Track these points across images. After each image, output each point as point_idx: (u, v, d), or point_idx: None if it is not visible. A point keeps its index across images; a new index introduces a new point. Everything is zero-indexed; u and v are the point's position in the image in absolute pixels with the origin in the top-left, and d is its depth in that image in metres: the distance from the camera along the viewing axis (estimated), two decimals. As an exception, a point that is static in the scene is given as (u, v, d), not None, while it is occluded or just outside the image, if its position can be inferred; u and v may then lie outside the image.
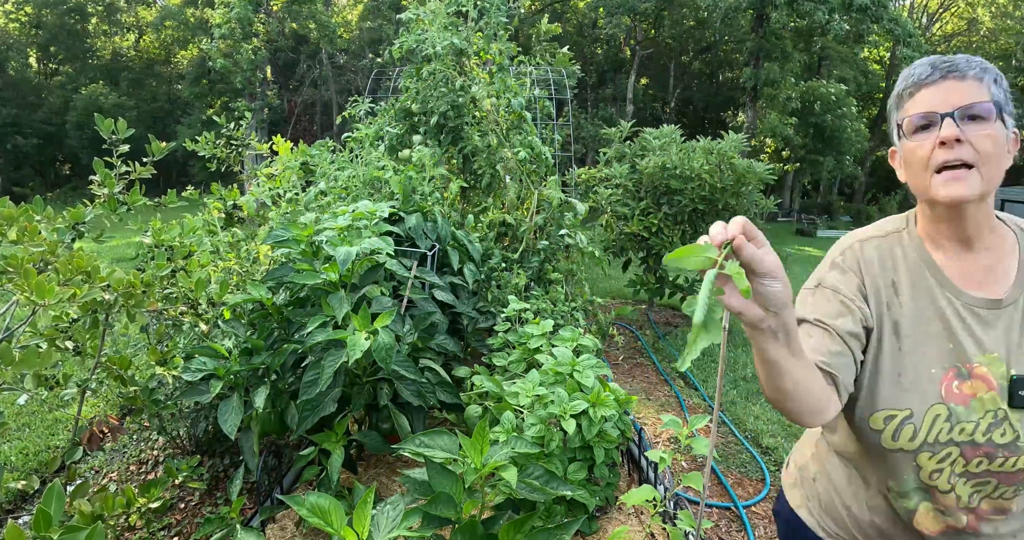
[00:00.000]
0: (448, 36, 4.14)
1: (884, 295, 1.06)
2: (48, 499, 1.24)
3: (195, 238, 2.70)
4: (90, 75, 27.94)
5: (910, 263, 1.07)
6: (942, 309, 1.02)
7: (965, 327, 1.01)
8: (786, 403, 0.94)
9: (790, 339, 0.84)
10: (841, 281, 1.08)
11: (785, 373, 0.88)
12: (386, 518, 1.38)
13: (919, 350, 1.02)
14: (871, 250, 1.09)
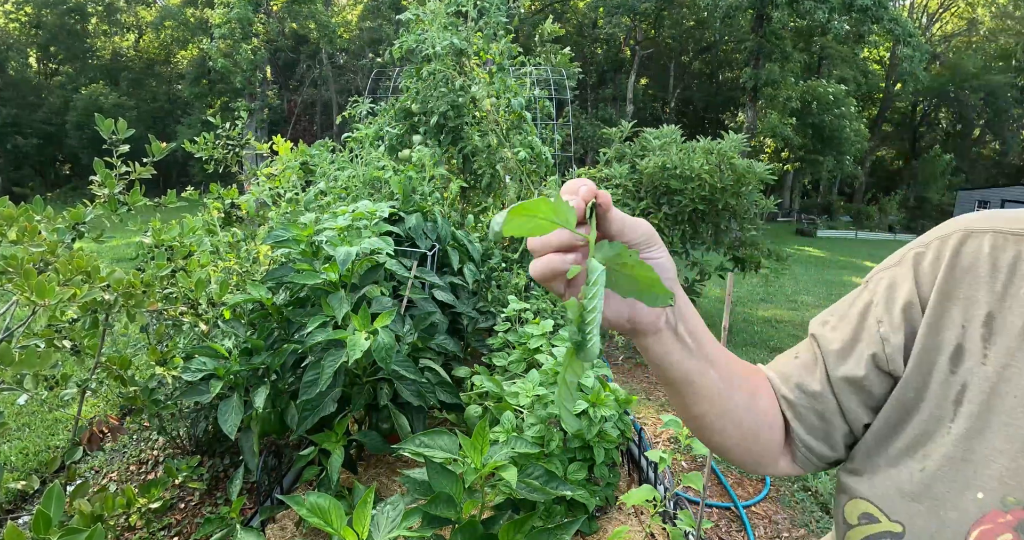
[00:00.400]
0: (448, 36, 4.14)
1: (955, 332, 0.61)
2: (48, 500, 1.24)
3: (195, 238, 2.70)
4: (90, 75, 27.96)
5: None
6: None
7: None
8: (710, 436, 0.69)
9: (696, 338, 0.62)
10: (887, 288, 0.67)
11: (700, 392, 0.64)
12: (386, 518, 1.38)
13: (982, 445, 0.58)
14: (975, 250, 0.63)
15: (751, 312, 7.95)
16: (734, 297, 8.79)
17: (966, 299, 0.62)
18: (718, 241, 6.10)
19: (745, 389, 0.68)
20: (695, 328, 0.62)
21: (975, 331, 0.60)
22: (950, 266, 0.63)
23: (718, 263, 6.33)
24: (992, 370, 0.59)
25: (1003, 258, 0.61)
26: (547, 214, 0.50)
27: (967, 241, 0.64)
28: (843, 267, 13.68)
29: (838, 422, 0.68)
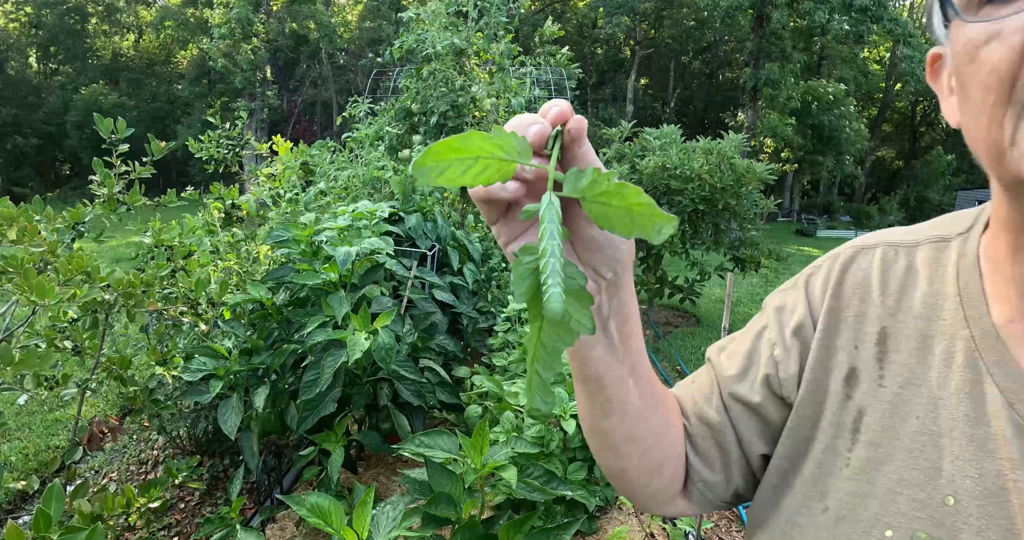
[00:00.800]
0: (448, 36, 4.14)
1: (847, 353, 0.56)
2: (48, 499, 1.24)
3: (195, 238, 2.70)
4: (90, 75, 27.96)
5: (937, 305, 0.54)
6: (997, 423, 0.48)
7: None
8: (611, 459, 0.60)
9: (626, 342, 0.52)
10: (779, 311, 0.63)
11: (612, 403, 0.55)
12: (386, 518, 1.38)
13: (885, 477, 0.51)
14: (865, 266, 0.59)
15: (751, 312, 7.95)
16: (734, 297, 8.80)
17: (857, 317, 0.57)
18: (718, 241, 6.10)
19: (662, 415, 0.60)
20: (630, 332, 0.53)
21: (868, 351, 0.55)
22: (838, 284, 0.59)
23: (718, 263, 6.33)
24: (890, 391, 0.53)
25: (894, 270, 0.58)
26: (482, 150, 0.38)
27: (857, 258, 0.61)
28: (843, 267, 13.63)
29: (735, 453, 0.62)
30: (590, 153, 0.42)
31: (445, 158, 0.38)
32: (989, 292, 0.52)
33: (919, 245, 0.59)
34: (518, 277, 0.41)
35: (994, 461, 0.46)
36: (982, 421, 0.48)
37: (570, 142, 0.41)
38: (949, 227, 0.59)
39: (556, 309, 0.38)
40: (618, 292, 0.49)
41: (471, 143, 0.38)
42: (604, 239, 0.44)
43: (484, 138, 0.38)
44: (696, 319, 7.14)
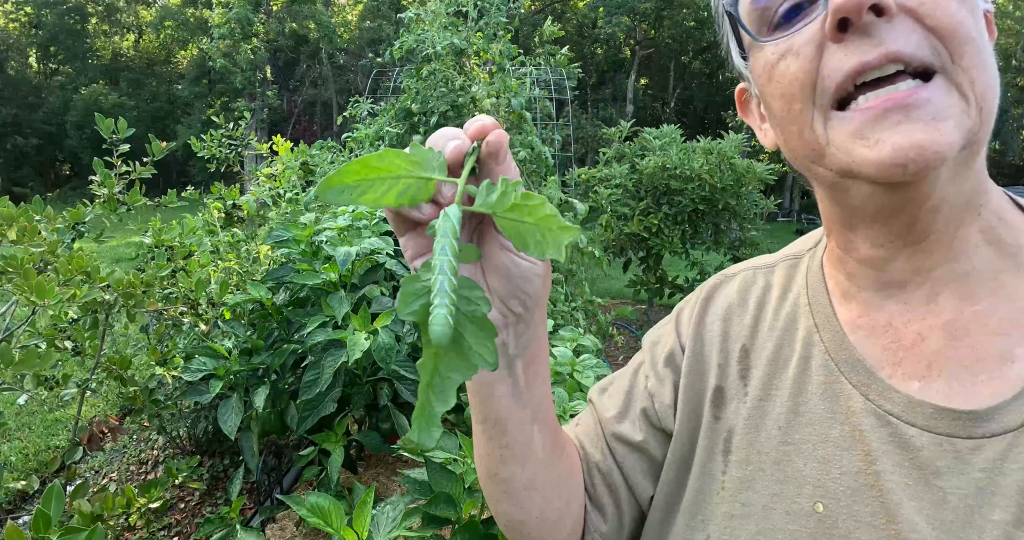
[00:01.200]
0: (448, 36, 4.14)
1: (713, 373, 0.57)
2: (47, 500, 1.24)
3: (195, 238, 2.70)
4: (90, 75, 27.96)
5: (791, 316, 0.56)
6: (852, 420, 0.48)
7: (900, 469, 0.45)
8: (509, 509, 0.56)
9: (531, 383, 0.49)
10: (653, 344, 0.64)
11: (512, 448, 0.51)
12: (386, 518, 1.38)
13: (758, 494, 0.50)
14: (728, 292, 0.61)
15: (751, 312, 7.96)
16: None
17: (722, 338, 0.58)
18: (718, 241, 6.11)
19: (564, 463, 0.57)
20: (536, 374, 0.49)
21: (732, 368, 0.56)
22: (702, 311, 0.61)
23: (718, 263, 6.33)
24: (751, 406, 0.53)
25: (753, 291, 0.60)
26: (401, 168, 0.37)
27: (721, 285, 0.63)
28: (843, 267, 13.63)
29: (626, 497, 0.60)
30: (510, 171, 0.40)
31: (366, 178, 0.37)
32: (835, 295, 0.54)
33: (776, 265, 0.62)
34: (407, 295, 0.37)
35: (852, 457, 0.47)
36: (837, 419, 0.49)
37: (487, 156, 0.40)
38: (802, 245, 0.62)
39: (439, 333, 0.34)
40: (527, 330, 0.46)
41: (390, 161, 0.37)
42: (515, 268, 0.42)
43: (402, 156, 0.38)
44: (696, 319, 7.12)
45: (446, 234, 0.36)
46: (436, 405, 0.39)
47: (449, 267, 0.35)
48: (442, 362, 0.39)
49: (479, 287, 0.39)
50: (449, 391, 0.39)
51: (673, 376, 0.60)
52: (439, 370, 0.39)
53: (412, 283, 0.37)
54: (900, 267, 0.48)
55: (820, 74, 0.43)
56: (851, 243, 0.50)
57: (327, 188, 0.36)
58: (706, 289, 0.64)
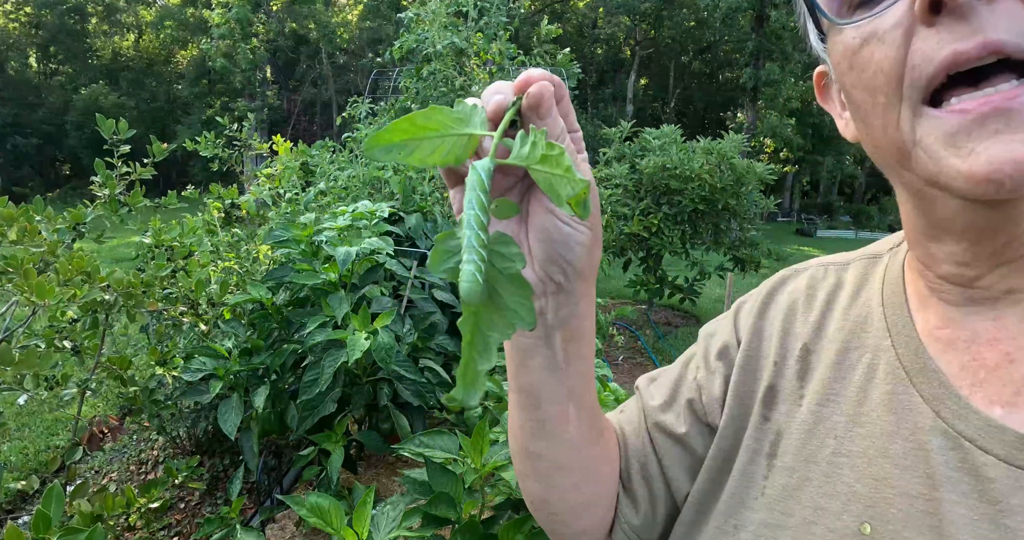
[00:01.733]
0: (448, 36, 4.14)
1: (768, 371, 0.53)
2: (47, 500, 1.24)
3: (195, 238, 2.70)
4: (90, 75, 27.96)
5: (861, 318, 0.52)
6: (917, 437, 0.44)
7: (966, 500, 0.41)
8: (535, 486, 0.55)
9: (573, 358, 0.47)
10: (708, 336, 0.61)
11: (544, 423, 0.50)
12: (386, 518, 1.38)
13: (800, 505, 0.47)
14: (793, 288, 0.58)
15: (751, 312, 7.96)
16: (734, 297, 8.79)
17: (781, 335, 0.54)
18: (718, 241, 6.11)
19: (600, 450, 0.54)
20: (578, 353, 0.47)
21: (790, 367, 0.52)
22: (763, 305, 0.57)
23: (718, 263, 6.34)
24: (807, 411, 0.49)
25: (821, 288, 0.56)
26: (446, 126, 0.36)
27: (787, 280, 0.59)
28: (843, 267, 13.65)
29: (661, 490, 0.57)
30: (554, 126, 0.38)
31: (414, 136, 0.36)
32: (913, 302, 0.49)
33: (850, 263, 0.58)
34: (440, 254, 0.36)
35: (911, 479, 0.42)
36: (900, 434, 0.44)
37: (527, 109, 0.37)
38: (884, 245, 0.57)
39: (467, 290, 0.33)
40: (568, 302, 0.43)
41: (435, 119, 0.36)
42: (556, 232, 0.40)
43: (446, 113, 0.36)
44: (696, 319, 7.15)
45: (473, 187, 0.35)
46: (480, 363, 0.38)
47: (476, 221, 0.34)
48: (481, 320, 0.38)
49: (514, 243, 0.37)
50: (491, 349, 0.38)
51: (725, 370, 0.56)
52: (480, 329, 0.38)
53: (445, 241, 0.36)
54: (990, 285, 0.43)
55: (908, 63, 0.37)
56: (934, 258, 0.45)
57: (375, 145, 0.36)
58: (771, 283, 0.60)
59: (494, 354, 0.38)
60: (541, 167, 0.35)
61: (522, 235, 0.42)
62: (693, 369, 0.60)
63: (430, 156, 0.37)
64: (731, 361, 0.57)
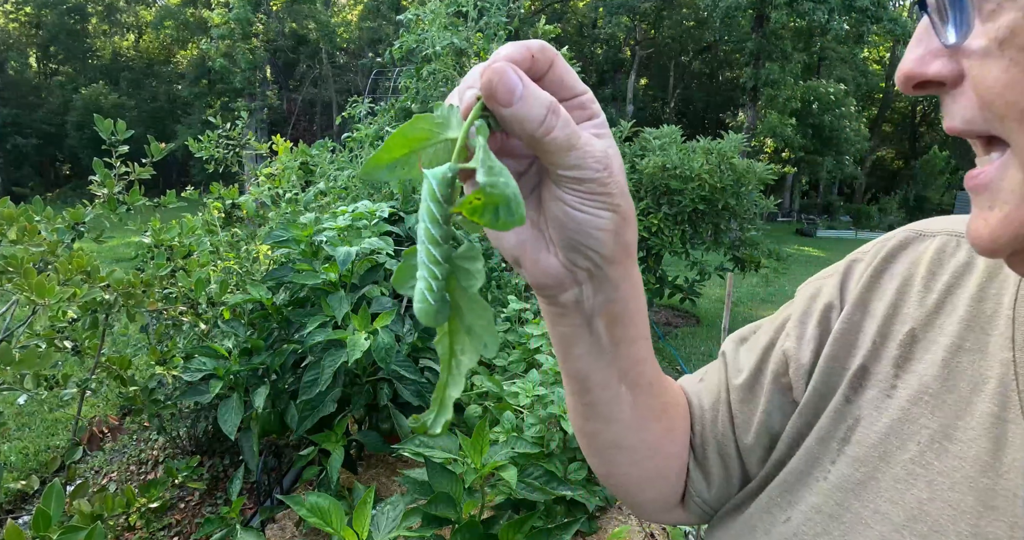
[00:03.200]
0: (448, 36, 4.14)
1: (864, 349, 0.48)
2: (48, 499, 1.24)
3: (195, 238, 2.70)
4: (90, 75, 27.96)
5: (987, 317, 0.44)
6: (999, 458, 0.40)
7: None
8: (598, 462, 0.55)
9: (617, 342, 0.44)
10: (810, 298, 0.55)
11: (595, 406, 0.48)
12: (386, 518, 1.38)
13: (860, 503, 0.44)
14: (915, 255, 0.50)
15: (751, 312, 7.96)
16: (734, 297, 8.80)
17: (889, 310, 0.47)
18: (718, 241, 6.11)
19: (663, 426, 0.52)
20: (623, 336, 0.44)
21: (889, 351, 0.46)
22: (877, 271, 0.50)
23: (718, 263, 6.34)
24: (897, 405, 0.44)
25: (949, 264, 0.47)
26: (430, 133, 0.34)
27: (910, 245, 0.51)
28: (843, 267, 13.65)
29: (738, 469, 0.55)
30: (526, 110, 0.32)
31: (411, 149, 0.34)
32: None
33: None
34: (406, 269, 0.34)
35: (993, 520, 0.37)
36: (995, 469, 0.38)
37: (487, 101, 0.33)
38: None
39: (418, 310, 0.31)
40: (603, 288, 0.40)
41: (421, 128, 0.34)
42: (570, 221, 0.37)
43: (428, 120, 0.34)
44: (696, 319, 7.15)
45: (424, 198, 0.32)
46: (450, 387, 0.36)
47: (427, 235, 0.32)
48: (455, 342, 0.36)
49: (479, 257, 0.34)
50: (460, 373, 0.36)
51: (820, 339, 0.51)
52: (454, 351, 0.36)
53: (410, 257, 0.34)
54: None
55: None
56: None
57: (376, 167, 0.33)
58: (890, 246, 0.51)
59: (462, 379, 0.36)
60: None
61: (541, 223, 0.39)
62: (783, 338, 0.54)
63: (428, 166, 0.34)
64: (829, 328, 0.51)
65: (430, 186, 0.32)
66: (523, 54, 0.34)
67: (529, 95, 0.32)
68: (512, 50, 0.34)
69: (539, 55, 0.34)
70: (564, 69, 0.36)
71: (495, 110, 0.33)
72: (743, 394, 0.54)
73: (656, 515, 0.60)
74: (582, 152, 0.34)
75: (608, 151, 0.36)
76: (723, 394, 0.56)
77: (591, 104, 0.37)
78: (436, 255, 0.32)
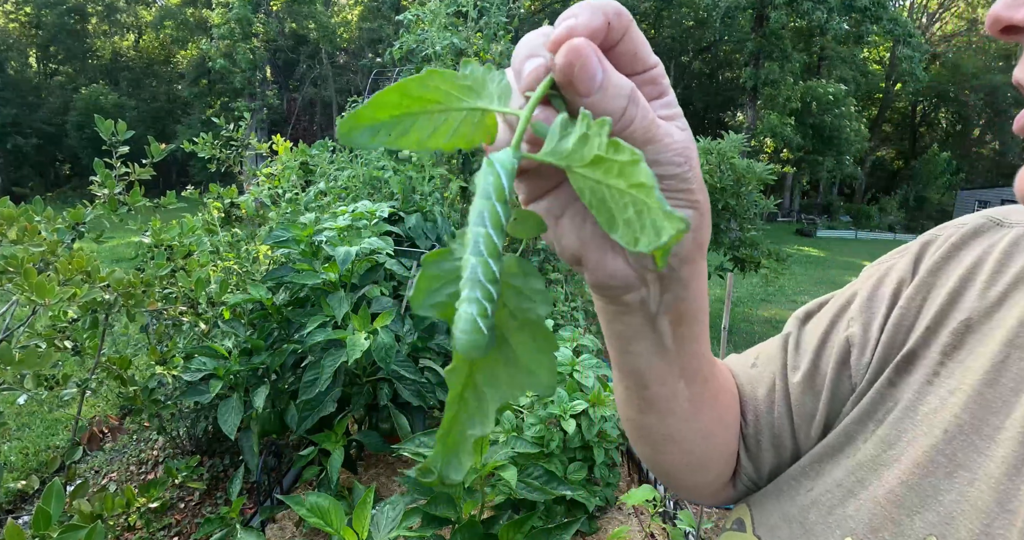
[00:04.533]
0: (448, 36, 4.14)
1: (917, 333, 0.47)
2: (48, 498, 1.24)
3: (194, 238, 2.70)
4: (90, 75, 27.97)
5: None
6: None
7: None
8: (649, 452, 0.54)
9: (681, 341, 0.42)
10: (877, 282, 0.52)
11: (652, 401, 0.46)
12: (386, 518, 1.38)
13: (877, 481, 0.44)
14: (988, 244, 0.48)
15: (751, 312, 7.96)
16: (734, 297, 8.80)
17: (948, 298, 0.46)
18: (718, 241, 6.11)
19: (715, 414, 0.51)
20: (688, 334, 0.42)
21: (940, 338, 0.45)
22: (943, 257, 0.48)
23: (718, 263, 6.34)
24: (935, 392, 0.43)
25: (1019, 257, 0.45)
26: (450, 97, 0.27)
27: (981, 234, 0.49)
28: (843, 267, 13.68)
29: (790, 454, 0.54)
30: (607, 101, 0.28)
31: (407, 111, 0.27)
32: None
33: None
34: (430, 279, 0.27)
35: (1006, 523, 0.37)
36: (1019, 472, 0.37)
37: (562, 82, 0.28)
38: None
39: (465, 342, 0.25)
40: (673, 287, 0.37)
41: (436, 88, 0.27)
42: None
43: (451, 80, 0.27)
44: (696, 319, 7.12)
45: (487, 194, 0.25)
46: (469, 426, 0.29)
47: (487, 244, 0.25)
48: (479, 372, 0.29)
49: (536, 274, 0.28)
50: (487, 412, 0.29)
51: (884, 320, 0.49)
52: (475, 382, 0.29)
53: (438, 262, 0.27)
54: None
55: None
56: None
57: (354, 127, 0.27)
58: (963, 232, 0.50)
59: (491, 418, 0.29)
60: (591, 173, 0.25)
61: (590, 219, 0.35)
62: (846, 322, 0.52)
63: (430, 138, 0.28)
64: (879, 329, 0.49)
65: (496, 177, 0.26)
66: (601, 24, 0.28)
67: (610, 83, 0.28)
68: (589, 17, 0.28)
69: (615, 22, 0.29)
70: (639, 39, 0.30)
71: (566, 94, 0.28)
72: (803, 386, 0.52)
73: (703, 498, 0.59)
74: (662, 145, 0.30)
75: (688, 142, 0.31)
76: (779, 383, 0.54)
77: (662, 79, 0.32)
78: (495, 270, 0.25)
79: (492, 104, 0.28)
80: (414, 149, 0.28)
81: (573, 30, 0.27)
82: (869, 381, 0.48)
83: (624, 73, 0.29)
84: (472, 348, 0.25)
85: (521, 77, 0.29)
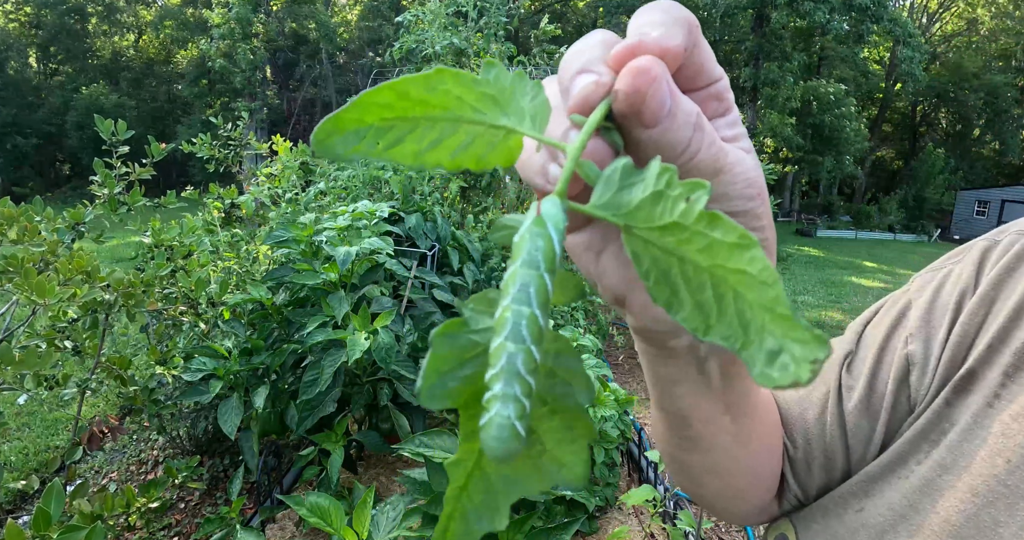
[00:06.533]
0: (448, 36, 4.14)
1: (978, 351, 0.44)
2: (48, 498, 1.24)
3: (194, 238, 2.70)
4: (90, 75, 27.97)
5: None
6: None
7: None
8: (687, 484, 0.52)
9: (733, 378, 0.39)
10: (939, 287, 0.49)
11: (696, 441, 0.45)
12: (386, 518, 1.38)
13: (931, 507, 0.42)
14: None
15: (751, 312, 7.95)
16: (734, 297, 8.77)
17: (1013, 313, 0.42)
18: (718, 241, 6.10)
19: (758, 443, 0.48)
20: (739, 370, 0.38)
21: (1003, 358, 0.42)
22: (1007, 269, 0.44)
23: (718, 263, 6.32)
24: (997, 417, 0.41)
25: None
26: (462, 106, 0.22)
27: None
28: (843, 267, 13.68)
29: (840, 473, 0.51)
30: (673, 135, 0.23)
31: (402, 115, 0.21)
32: None
33: None
34: (442, 360, 0.21)
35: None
36: None
37: (626, 110, 0.23)
38: None
39: (497, 450, 0.19)
40: None
41: (445, 92, 0.22)
42: None
43: (467, 85, 0.22)
44: (696, 319, 7.11)
45: (535, 263, 0.19)
46: (476, 521, 0.24)
47: (531, 328, 0.19)
48: (491, 464, 0.24)
49: (578, 359, 0.23)
50: (497, 505, 0.24)
51: (945, 334, 0.46)
52: (486, 473, 0.24)
53: (452, 337, 0.21)
54: None
55: None
56: None
57: (334, 132, 0.21)
58: (1009, 242, 0.46)
59: (504, 513, 0.24)
60: (660, 238, 0.20)
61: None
62: (903, 338, 0.48)
63: (430, 151, 0.22)
64: (941, 346, 0.46)
65: (548, 243, 0.20)
66: (678, 44, 0.23)
67: (678, 111, 0.23)
68: (665, 33, 0.23)
69: (688, 38, 0.24)
70: (706, 51, 0.26)
71: (624, 122, 0.23)
72: (859, 410, 0.49)
73: (747, 521, 0.58)
74: (731, 175, 0.26)
75: (757, 169, 0.27)
76: (832, 407, 0.50)
77: (726, 93, 0.27)
78: (536, 359, 0.19)
79: (522, 125, 0.22)
80: (407, 163, 0.22)
81: (643, 45, 0.23)
82: (928, 401, 0.46)
83: (684, 88, 0.25)
84: (507, 457, 0.19)
85: (569, 95, 0.24)
